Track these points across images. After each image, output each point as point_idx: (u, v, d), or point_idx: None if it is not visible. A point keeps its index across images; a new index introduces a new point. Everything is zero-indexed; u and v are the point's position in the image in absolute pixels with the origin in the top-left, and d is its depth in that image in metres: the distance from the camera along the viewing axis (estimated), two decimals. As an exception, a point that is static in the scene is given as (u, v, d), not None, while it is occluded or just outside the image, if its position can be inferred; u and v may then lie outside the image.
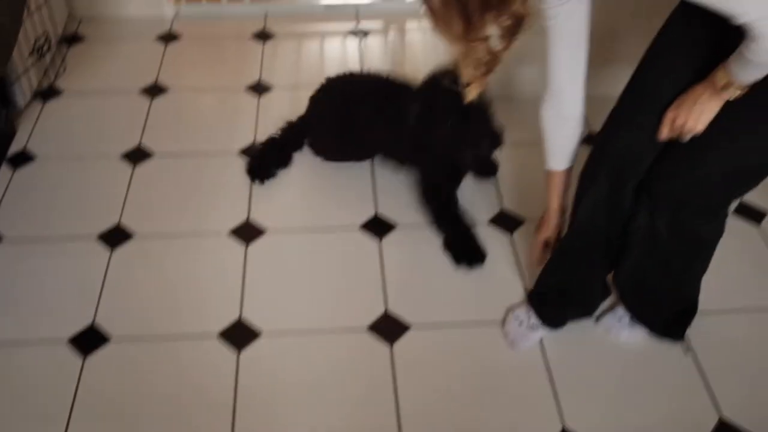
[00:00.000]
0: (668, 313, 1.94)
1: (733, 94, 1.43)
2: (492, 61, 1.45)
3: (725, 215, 1.72)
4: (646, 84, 1.63)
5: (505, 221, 2.32)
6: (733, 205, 1.76)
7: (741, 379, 1.92)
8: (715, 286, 1.96)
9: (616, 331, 1.99)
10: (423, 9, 1.35)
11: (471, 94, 1.56)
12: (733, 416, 1.84)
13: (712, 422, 1.83)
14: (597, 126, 1.75)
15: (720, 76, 1.43)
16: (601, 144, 1.74)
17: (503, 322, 2.02)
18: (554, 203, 1.90)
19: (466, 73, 1.50)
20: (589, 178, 1.77)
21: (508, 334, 1.98)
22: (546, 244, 1.97)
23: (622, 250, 1.84)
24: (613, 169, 1.71)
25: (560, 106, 1.69)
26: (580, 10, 1.52)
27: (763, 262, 2.23)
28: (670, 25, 1.60)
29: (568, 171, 1.84)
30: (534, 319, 1.97)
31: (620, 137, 1.69)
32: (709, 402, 1.87)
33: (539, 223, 1.98)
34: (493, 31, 1.39)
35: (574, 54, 1.59)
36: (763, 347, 2.00)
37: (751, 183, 1.63)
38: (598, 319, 2.02)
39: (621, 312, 1.99)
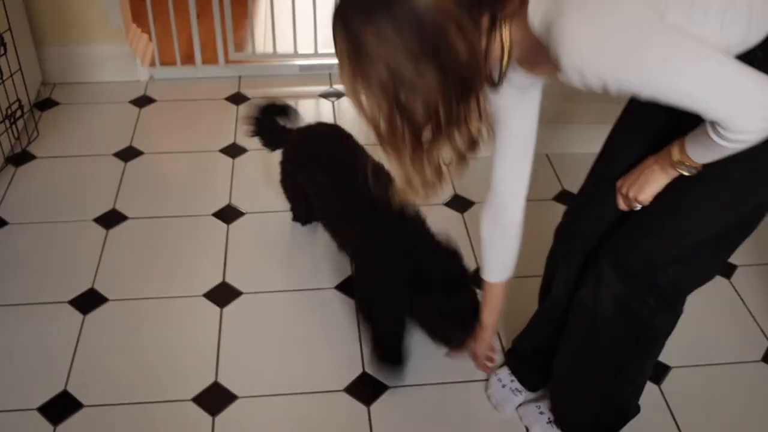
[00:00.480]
0: (593, 425, 1.83)
1: (684, 171, 1.37)
2: (438, 182, 1.35)
3: (681, 307, 1.61)
4: (603, 165, 1.63)
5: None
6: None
7: (718, 434, 1.93)
8: (689, 339, 1.98)
9: (531, 424, 1.90)
10: (373, 136, 1.27)
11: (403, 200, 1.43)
12: (711, 471, 1.84)
13: (692, 478, 1.83)
14: (568, 183, 1.77)
15: (675, 152, 1.36)
16: (567, 224, 1.75)
17: (486, 384, 2.01)
18: (486, 318, 1.84)
19: (410, 194, 1.36)
20: (561, 257, 1.76)
21: (492, 396, 1.97)
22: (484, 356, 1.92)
23: (557, 333, 1.76)
24: (580, 249, 1.70)
25: (500, 213, 1.67)
26: (529, 112, 1.53)
27: (735, 314, 2.26)
28: (626, 110, 1.61)
29: (504, 287, 1.80)
30: (517, 383, 1.96)
31: (582, 219, 1.69)
32: (687, 457, 1.87)
33: (474, 335, 1.89)
34: (444, 154, 1.32)
35: (518, 163, 1.60)
36: (738, 400, 2.02)
37: (707, 266, 1.54)
38: (519, 407, 1.95)
39: (543, 407, 1.91)
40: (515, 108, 1.51)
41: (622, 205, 1.55)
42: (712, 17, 1.21)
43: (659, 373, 2.04)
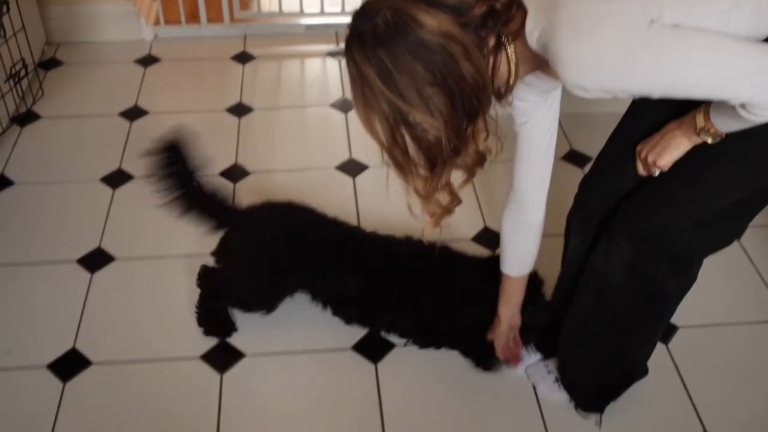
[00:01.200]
0: (597, 385, 1.83)
1: (708, 139, 1.35)
2: (451, 202, 1.38)
3: (695, 273, 1.59)
4: (625, 129, 1.61)
5: (489, 239, 2.32)
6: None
7: (723, 393, 1.93)
8: (697, 299, 1.96)
9: (537, 383, 1.92)
10: (386, 159, 1.29)
11: (427, 230, 1.46)
12: (716, 429, 1.84)
13: (698, 436, 1.83)
14: (577, 143, 1.75)
15: (699, 120, 1.34)
16: (584, 187, 1.73)
17: None
18: (503, 310, 1.85)
19: (428, 213, 1.40)
20: (576, 219, 1.75)
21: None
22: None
23: (573, 297, 1.74)
24: (595, 211, 1.68)
25: (523, 212, 1.68)
26: (548, 116, 1.52)
27: (744, 274, 2.25)
28: None
29: (523, 281, 1.81)
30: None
31: (600, 182, 1.67)
32: (693, 416, 1.87)
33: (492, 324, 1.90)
34: (454, 175, 1.35)
35: (540, 160, 1.59)
36: (745, 361, 2.02)
37: (724, 232, 1.53)
38: (527, 366, 1.95)
39: (551, 366, 1.91)
40: (536, 109, 1.50)
41: (641, 170, 1.53)
42: (714, 20, 1.17)
43: (667, 332, 2.04)
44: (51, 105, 2.83)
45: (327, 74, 3.08)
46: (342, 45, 3.12)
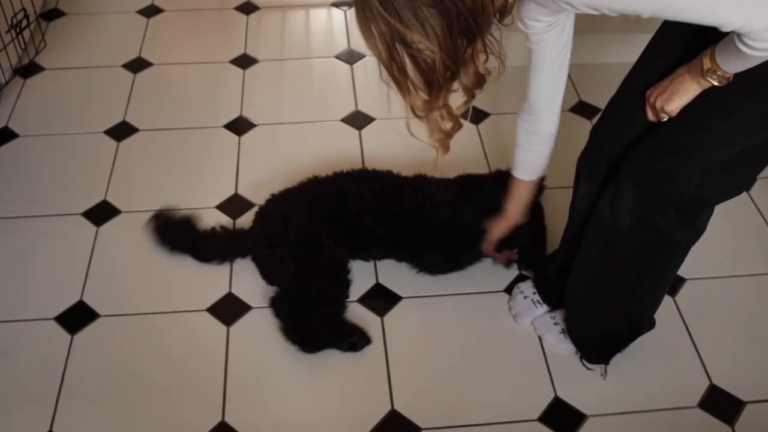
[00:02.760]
0: (603, 336, 1.83)
1: (715, 81, 1.36)
2: (454, 126, 1.44)
3: (704, 224, 1.58)
4: (635, 77, 1.60)
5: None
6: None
7: (730, 345, 1.93)
8: (705, 251, 1.96)
9: (544, 334, 1.92)
10: (385, 76, 1.31)
11: (436, 158, 1.50)
12: (723, 382, 1.84)
13: (703, 388, 1.84)
14: (585, 94, 1.72)
15: (705, 62, 1.35)
16: (594, 134, 1.71)
17: (509, 290, 2.03)
18: (511, 208, 1.87)
19: (431, 137, 1.45)
20: (585, 166, 1.73)
21: (513, 307, 1.98)
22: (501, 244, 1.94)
23: (579, 247, 1.73)
24: (604, 158, 1.66)
25: (536, 124, 1.67)
26: (562, 36, 1.50)
27: (753, 226, 2.23)
28: (661, 27, 1.57)
29: (532, 185, 1.82)
30: (539, 296, 1.96)
31: (610, 129, 1.66)
32: (700, 368, 1.87)
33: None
34: (454, 95, 1.38)
35: (554, 77, 1.57)
36: (753, 313, 2.01)
37: (733, 180, 1.52)
38: (534, 318, 1.95)
39: (558, 318, 1.92)
40: (548, 30, 1.47)
41: (651, 116, 1.52)
42: None
43: (674, 285, 2.03)
44: (54, 56, 2.80)
45: (332, 25, 3.03)
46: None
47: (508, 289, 2.03)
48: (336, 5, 3.13)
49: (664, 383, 1.84)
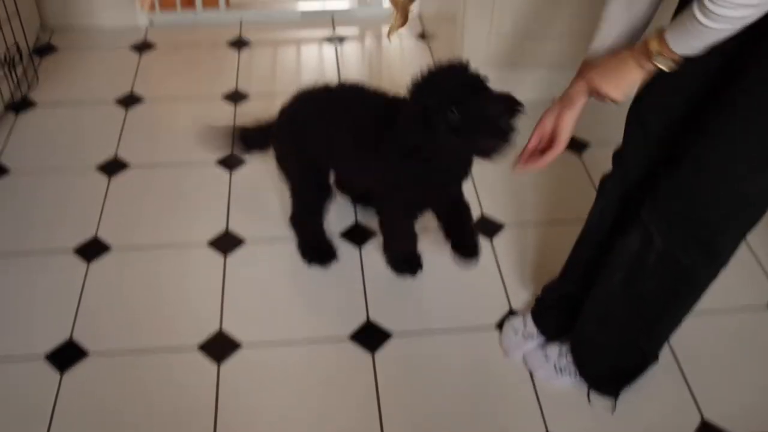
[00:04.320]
0: (614, 367, 1.82)
1: (661, 64, 1.28)
2: None
3: (727, 259, 1.54)
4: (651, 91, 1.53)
5: (486, 227, 2.32)
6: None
7: (721, 379, 1.93)
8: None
9: (535, 369, 1.90)
10: None
11: (395, 25, 1.43)
12: (714, 417, 1.84)
13: (695, 423, 1.83)
14: (578, 129, 1.72)
15: (653, 43, 1.27)
16: (619, 147, 1.68)
17: (500, 326, 2.02)
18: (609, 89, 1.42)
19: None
20: (602, 183, 1.73)
21: (503, 341, 1.98)
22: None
23: (599, 272, 1.70)
24: (619, 173, 1.65)
25: None
26: None
27: (741, 258, 2.24)
28: None
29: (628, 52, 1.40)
30: (530, 328, 1.95)
31: (626, 139, 1.64)
32: (691, 402, 1.87)
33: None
34: None
35: None
36: (741, 346, 2.02)
37: (754, 217, 1.47)
38: (525, 354, 1.93)
39: (550, 352, 1.89)
40: None
41: (596, 98, 1.44)
42: None
43: (664, 320, 2.04)
44: (46, 92, 2.81)
45: (323, 60, 3.06)
46: (338, 31, 3.09)
47: (500, 325, 2.03)
48: (327, 41, 3.16)
49: (656, 419, 1.84)
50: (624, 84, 1.36)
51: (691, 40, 1.22)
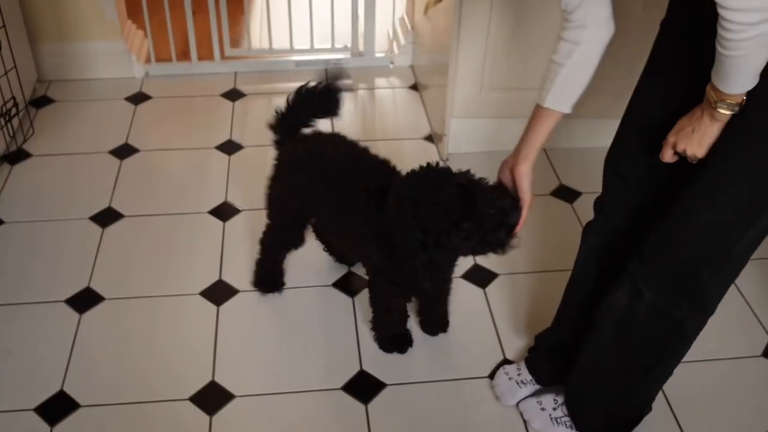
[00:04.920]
0: (607, 418, 1.80)
1: (724, 109, 1.28)
2: None
3: (715, 307, 1.55)
4: (633, 118, 1.56)
5: (479, 276, 2.32)
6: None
7: (715, 427, 1.92)
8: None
9: (531, 419, 1.89)
10: None
11: (432, 1, 1.38)
12: (711, 467, 1.83)
13: (691, 474, 1.82)
14: (566, 178, 1.75)
15: (710, 94, 1.28)
16: (600, 195, 1.70)
17: (493, 376, 2.01)
18: (523, 149, 1.57)
19: None
20: (585, 230, 1.74)
21: (497, 387, 1.97)
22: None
23: (586, 328, 1.70)
24: (601, 220, 1.67)
25: (579, 30, 1.42)
26: None
27: (735, 308, 2.25)
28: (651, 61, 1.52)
29: (557, 118, 1.53)
30: (524, 375, 1.94)
31: (605, 189, 1.66)
32: (686, 453, 1.86)
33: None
34: None
35: None
36: (736, 397, 2.01)
37: (739, 266, 1.49)
38: (520, 402, 1.93)
39: (545, 402, 1.88)
40: None
41: (668, 158, 1.42)
42: None
43: (658, 368, 2.03)
44: (42, 143, 2.83)
45: (317, 110, 3.09)
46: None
47: (492, 375, 2.02)
48: (321, 91, 3.19)
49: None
50: (705, 141, 1.35)
51: (732, 75, 1.22)
